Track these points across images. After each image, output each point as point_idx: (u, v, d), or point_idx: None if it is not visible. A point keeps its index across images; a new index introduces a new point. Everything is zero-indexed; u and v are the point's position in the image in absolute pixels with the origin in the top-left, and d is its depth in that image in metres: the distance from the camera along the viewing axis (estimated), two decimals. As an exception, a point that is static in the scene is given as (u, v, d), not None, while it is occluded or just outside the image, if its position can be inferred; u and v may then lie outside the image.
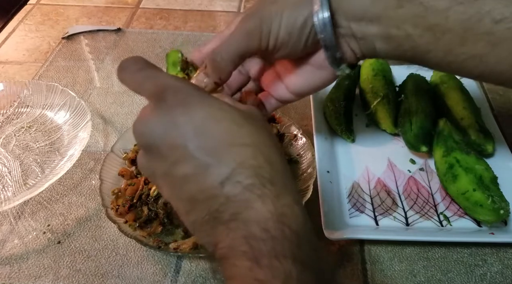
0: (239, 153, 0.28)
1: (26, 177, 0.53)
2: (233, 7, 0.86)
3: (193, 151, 0.28)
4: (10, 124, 0.60)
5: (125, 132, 0.54)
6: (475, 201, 0.45)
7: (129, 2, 0.88)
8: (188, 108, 0.29)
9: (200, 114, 0.29)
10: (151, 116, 0.29)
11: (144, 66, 0.32)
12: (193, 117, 0.28)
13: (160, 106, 0.29)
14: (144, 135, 0.30)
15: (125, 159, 0.51)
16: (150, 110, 0.30)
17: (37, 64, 0.72)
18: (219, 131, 0.28)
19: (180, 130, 0.28)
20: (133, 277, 0.43)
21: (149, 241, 0.43)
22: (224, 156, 0.28)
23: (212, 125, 0.29)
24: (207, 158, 0.27)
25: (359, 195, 0.50)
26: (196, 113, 0.29)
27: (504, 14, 0.30)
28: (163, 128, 0.29)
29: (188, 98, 0.29)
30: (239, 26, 0.37)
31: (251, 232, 0.25)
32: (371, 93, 0.58)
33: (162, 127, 0.29)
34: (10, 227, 0.49)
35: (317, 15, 0.34)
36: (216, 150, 0.28)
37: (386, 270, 0.44)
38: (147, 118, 0.30)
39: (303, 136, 0.53)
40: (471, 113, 0.54)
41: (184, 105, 0.29)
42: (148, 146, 0.30)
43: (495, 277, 0.43)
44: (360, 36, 0.35)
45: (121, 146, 0.52)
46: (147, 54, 0.73)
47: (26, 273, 0.44)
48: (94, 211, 0.50)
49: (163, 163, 0.29)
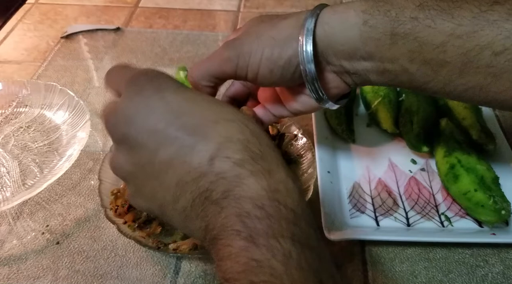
0: (225, 128, 0.27)
1: (24, 177, 0.53)
2: (233, 6, 0.86)
3: (175, 132, 0.27)
4: (8, 124, 0.60)
5: (124, 132, 0.53)
6: (477, 201, 0.45)
7: (128, 1, 0.88)
8: (165, 92, 0.28)
9: (178, 97, 0.28)
10: (125, 104, 0.28)
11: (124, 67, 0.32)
12: (170, 101, 0.28)
13: (136, 94, 0.28)
14: (119, 125, 0.28)
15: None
16: (124, 99, 0.29)
17: (35, 64, 0.71)
18: (200, 110, 0.28)
19: (159, 115, 0.27)
20: (132, 278, 0.43)
21: (148, 241, 0.43)
22: (209, 132, 0.26)
23: (192, 105, 0.28)
24: (191, 137, 0.26)
25: (359, 195, 0.50)
26: (174, 96, 0.28)
27: (505, 45, 0.29)
28: (140, 114, 0.27)
29: (163, 84, 0.29)
30: (218, 51, 0.37)
31: (245, 210, 0.24)
32: (371, 92, 0.58)
33: (139, 113, 0.27)
34: (8, 228, 0.48)
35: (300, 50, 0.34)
36: (200, 128, 0.27)
37: (387, 271, 0.43)
38: (122, 106, 0.28)
39: (303, 136, 0.53)
40: (473, 113, 0.54)
41: (160, 90, 0.28)
42: (125, 137, 0.28)
43: (497, 278, 0.43)
44: (353, 71, 0.35)
45: (120, 146, 0.51)
46: (146, 53, 0.73)
47: (24, 274, 0.44)
48: (93, 211, 0.49)
49: (144, 152, 0.27)
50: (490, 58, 0.30)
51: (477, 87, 0.32)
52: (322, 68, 0.36)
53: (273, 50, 0.35)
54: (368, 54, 0.33)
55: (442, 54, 0.31)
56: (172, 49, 0.74)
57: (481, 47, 0.30)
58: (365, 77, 0.35)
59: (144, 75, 0.29)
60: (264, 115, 0.43)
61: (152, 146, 0.27)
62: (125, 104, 0.28)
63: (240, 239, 0.24)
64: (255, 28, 0.37)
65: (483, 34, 0.29)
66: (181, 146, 0.26)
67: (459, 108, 0.55)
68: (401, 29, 0.31)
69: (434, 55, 0.31)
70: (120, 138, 0.29)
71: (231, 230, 0.24)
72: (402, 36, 0.31)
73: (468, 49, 0.30)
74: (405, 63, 0.32)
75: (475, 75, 0.31)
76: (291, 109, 0.41)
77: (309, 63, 0.34)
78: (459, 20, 0.30)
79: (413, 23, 0.31)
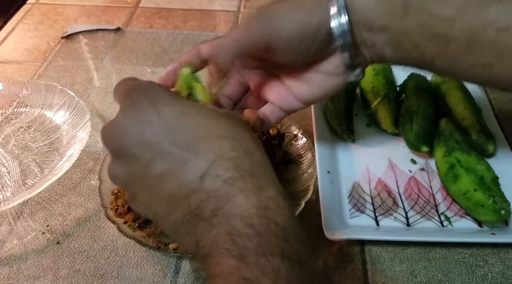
0: (217, 145, 0.27)
1: (25, 177, 0.53)
2: (233, 7, 0.86)
3: (169, 146, 0.27)
4: (9, 124, 0.60)
5: (125, 132, 0.54)
6: (476, 201, 0.45)
7: (128, 1, 0.88)
8: (160, 106, 0.28)
9: (173, 111, 0.28)
10: (121, 117, 0.29)
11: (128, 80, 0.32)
12: (166, 115, 0.28)
13: (130, 107, 0.29)
14: (115, 138, 0.29)
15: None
16: (119, 113, 0.29)
17: (36, 64, 0.71)
18: (195, 125, 0.28)
19: (153, 128, 0.27)
20: (132, 278, 0.43)
21: (149, 241, 0.43)
22: (202, 149, 0.27)
23: (187, 120, 0.28)
24: (183, 152, 0.26)
25: (359, 195, 0.50)
26: (169, 110, 0.28)
27: (509, 22, 0.30)
28: (134, 127, 0.28)
29: (158, 97, 0.29)
30: (243, 22, 0.36)
31: (235, 228, 0.24)
32: (371, 93, 0.58)
33: (133, 126, 0.28)
34: (9, 228, 0.48)
35: (335, 19, 0.34)
36: (193, 144, 0.27)
37: (386, 271, 0.44)
38: (116, 120, 0.29)
39: (303, 136, 0.53)
40: (472, 113, 0.54)
41: (155, 103, 0.28)
42: (120, 149, 0.29)
43: (496, 277, 0.43)
44: (370, 43, 0.35)
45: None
46: (146, 53, 0.73)
47: (25, 274, 0.44)
48: (93, 211, 0.49)
49: (138, 164, 0.28)
50: (494, 34, 0.30)
51: (482, 65, 0.33)
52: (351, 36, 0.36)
53: (301, 18, 0.35)
54: (383, 26, 0.34)
55: (450, 29, 0.32)
56: (173, 49, 0.74)
57: (485, 24, 0.31)
58: (380, 51, 0.36)
59: (138, 88, 0.30)
60: (272, 112, 0.42)
61: (146, 159, 0.27)
62: (120, 117, 0.29)
63: (231, 258, 0.24)
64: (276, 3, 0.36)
65: (489, 10, 0.30)
66: (174, 161, 0.27)
67: (459, 108, 0.55)
68: (413, 2, 0.33)
69: (443, 30, 0.32)
70: (115, 149, 0.29)
71: (221, 249, 0.24)
72: (414, 7, 0.33)
73: (474, 26, 0.31)
74: (416, 37, 0.33)
75: (480, 53, 0.32)
76: (302, 97, 0.40)
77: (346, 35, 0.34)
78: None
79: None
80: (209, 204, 0.26)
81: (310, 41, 0.35)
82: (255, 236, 0.24)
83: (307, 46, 0.35)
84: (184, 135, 0.27)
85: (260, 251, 0.24)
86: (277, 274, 0.23)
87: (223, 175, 0.26)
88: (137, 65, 0.71)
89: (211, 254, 0.25)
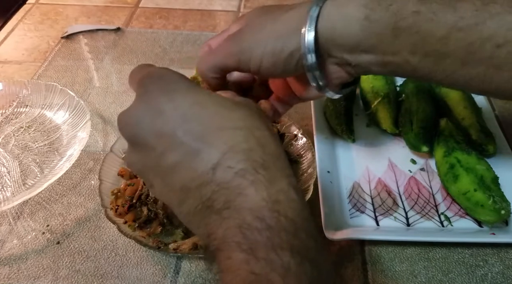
0: (230, 137, 0.27)
1: (25, 177, 0.53)
2: (233, 7, 0.86)
3: (181, 137, 0.27)
4: (9, 124, 0.60)
5: (125, 132, 0.54)
6: (476, 201, 0.45)
7: (128, 1, 0.88)
8: (173, 95, 0.28)
9: (186, 100, 0.28)
10: (134, 106, 0.29)
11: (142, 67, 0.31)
12: (179, 104, 0.27)
13: (143, 95, 0.28)
14: (129, 126, 0.29)
15: (125, 159, 0.50)
16: (134, 101, 0.29)
17: (36, 64, 0.71)
18: (208, 116, 0.27)
19: (167, 118, 0.27)
20: (132, 278, 0.43)
21: (149, 241, 0.43)
22: (214, 140, 0.26)
23: (200, 110, 0.27)
24: (196, 143, 0.26)
25: (359, 195, 0.50)
26: (183, 99, 0.28)
27: (507, 38, 0.29)
28: (148, 117, 0.28)
29: (172, 85, 0.28)
30: (222, 44, 0.37)
31: (245, 221, 0.24)
32: (371, 93, 0.58)
33: (147, 116, 0.28)
34: (9, 228, 0.48)
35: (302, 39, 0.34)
36: (206, 135, 0.27)
37: (386, 271, 0.44)
38: (131, 108, 0.29)
39: (303, 136, 0.53)
40: (472, 113, 0.54)
41: (169, 92, 0.28)
42: (134, 138, 0.29)
43: (496, 277, 0.43)
44: (355, 64, 0.35)
45: (121, 146, 0.52)
46: (146, 53, 0.73)
47: (25, 274, 0.44)
48: (93, 211, 0.49)
49: (151, 154, 0.28)
50: (492, 50, 0.30)
51: (479, 78, 0.32)
52: (324, 60, 0.36)
53: (276, 44, 0.35)
54: (370, 48, 0.33)
55: (444, 47, 0.31)
56: (173, 49, 0.74)
57: (483, 40, 0.30)
58: (366, 68, 0.35)
59: (151, 76, 0.29)
60: (278, 103, 0.43)
61: (160, 149, 0.27)
62: (134, 106, 0.29)
63: (241, 252, 0.24)
64: (258, 21, 0.37)
65: (485, 27, 0.30)
66: (186, 152, 0.26)
67: (458, 108, 0.55)
68: (403, 23, 0.31)
69: (436, 47, 0.31)
70: (130, 138, 0.29)
71: (231, 242, 0.24)
72: (404, 29, 0.31)
73: (470, 42, 0.30)
74: (407, 56, 0.33)
75: (477, 67, 0.31)
76: (301, 96, 0.41)
77: (310, 53, 0.34)
78: (462, 13, 0.30)
79: (415, 17, 0.31)
80: (221, 196, 0.25)
81: (283, 64, 0.35)
82: (265, 229, 0.24)
83: (281, 69, 0.36)
84: (197, 125, 0.27)
85: (269, 245, 0.23)
86: (286, 270, 0.23)
87: (235, 166, 0.26)
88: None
89: (222, 248, 0.25)
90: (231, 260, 0.24)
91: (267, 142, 0.28)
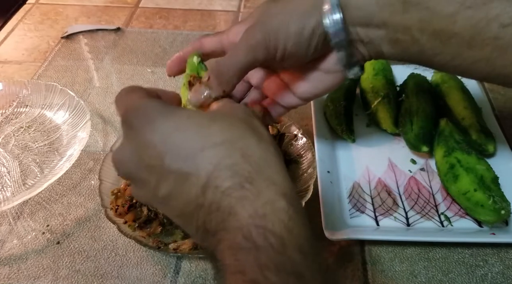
0: (213, 155, 0.26)
1: (25, 177, 0.53)
2: (233, 7, 0.86)
3: (169, 165, 0.27)
4: (9, 124, 0.60)
5: (125, 132, 0.54)
6: (476, 201, 0.45)
7: (128, 1, 0.88)
8: (154, 124, 0.28)
9: (167, 128, 0.28)
10: (123, 145, 0.29)
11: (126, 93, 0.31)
12: (161, 133, 0.27)
13: (127, 132, 0.29)
14: (122, 165, 0.29)
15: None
16: (122, 139, 0.30)
17: (36, 64, 0.71)
18: (189, 139, 0.27)
19: (152, 150, 0.27)
20: (132, 278, 0.43)
21: (149, 241, 0.43)
22: (199, 161, 0.26)
23: (181, 134, 0.27)
24: (184, 168, 0.26)
25: (359, 195, 0.50)
26: (163, 127, 0.28)
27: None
28: (136, 153, 0.28)
29: (152, 115, 0.28)
30: (244, 38, 0.35)
31: (235, 242, 0.24)
32: (371, 92, 0.58)
33: (134, 152, 0.28)
34: (9, 228, 0.48)
35: (328, 17, 0.34)
36: (190, 158, 0.26)
37: (386, 271, 0.44)
38: (121, 147, 0.29)
39: (303, 136, 0.53)
40: (472, 113, 0.54)
41: (149, 123, 0.28)
42: (129, 175, 0.30)
43: (496, 277, 0.43)
44: (367, 40, 0.35)
45: (121, 146, 0.52)
46: (146, 53, 0.73)
47: (25, 274, 0.44)
48: (93, 211, 0.49)
49: (147, 188, 0.28)
50: (497, 30, 0.30)
51: (484, 60, 0.32)
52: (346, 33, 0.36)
53: (298, 23, 0.34)
54: (382, 22, 0.34)
55: (452, 25, 0.31)
56: (173, 49, 0.74)
57: (489, 19, 0.30)
58: (378, 47, 0.35)
59: (132, 111, 0.29)
60: (273, 108, 0.42)
61: (153, 181, 0.28)
62: (123, 144, 0.29)
63: (232, 274, 0.24)
64: (272, 6, 0.36)
65: (492, 6, 0.30)
66: (176, 178, 0.27)
67: (459, 108, 0.55)
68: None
69: (444, 25, 0.32)
70: (127, 176, 0.31)
71: (226, 265, 0.24)
72: (414, 3, 0.32)
73: (477, 21, 0.31)
74: (416, 33, 0.33)
75: (482, 48, 0.32)
76: (301, 95, 0.40)
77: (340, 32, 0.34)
78: None
79: None
80: (214, 218, 0.25)
81: (306, 44, 0.35)
82: (253, 248, 0.24)
83: (304, 50, 0.35)
84: (181, 150, 0.27)
85: (256, 265, 0.23)
86: None
87: (221, 185, 0.25)
88: (137, 65, 0.71)
89: (222, 270, 0.25)
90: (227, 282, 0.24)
91: (251, 150, 0.27)
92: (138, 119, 0.29)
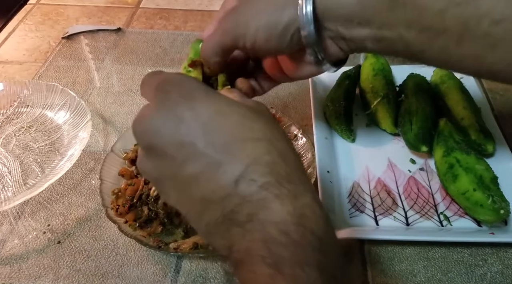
0: (253, 149, 0.26)
1: (26, 177, 0.53)
2: (233, 7, 0.86)
3: (203, 148, 0.26)
4: (10, 124, 0.60)
5: (125, 132, 0.54)
6: (475, 201, 0.45)
7: (129, 2, 0.88)
8: (194, 103, 0.27)
9: (207, 109, 0.27)
10: (154, 113, 0.28)
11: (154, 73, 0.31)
12: (200, 112, 0.27)
13: (163, 102, 0.28)
14: (147, 134, 0.28)
15: (125, 159, 0.51)
16: (152, 107, 0.28)
17: (37, 64, 0.72)
18: (230, 126, 0.27)
19: (187, 127, 0.26)
20: (133, 277, 0.43)
21: (149, 241, 0.43)
22: (237, 152, 0.26)
23: (222, 120, 0.27)
24: (218, 155, 0.26)
25: (359, 195, 0.50)
26: (203, 108, 0.27)
27: (504, 14, 0.28)
28: (168, 125, 0.27)
29: (192, 93, 0.28)
30: (218, 25, 0.37)
31: (270, 235, 0.24)
32: (371, 93, 0.58)
33: (167, 124, 0.27)
34: (10, 227, 0.49)
35: (301, 10, 0.33)
36: (228, 146, 0.26)
37: (386, 270, 0.44)
38: (149, 115, 0.28)
39: (303, 136, 0.53)
40: (472, 113, 0.54)
41: (189, 99, 0.27)
42: (152, 147, 0.28)
43: (495, 277, 0.43)
44: (349, 38, 0.34)
45: (121, 146, 0.52)
46: (147, 54, 0.73)
47: (26, 273, 0.44)
48: (94, 211, 0.50)
49: (170, 164, 0.27)
50: (488, 27, 0.29)
51: (473, 56, 0.31)
52: (321, 32, 0.35)
53: (270, 17, 0.34)
54: (365, 20, 0.33)
55: (440, 22, 0.30)
56: (173, 49, 0.74)
57: (479, 16, 0.29)
58: (360, 44, 0.35)
59: (170, 82, 0.29)
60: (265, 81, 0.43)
61: (180, 158, 0.26)
62: (152, 112, 0.28)
63: (265, 266, 0.23)
64: None
65: (481, 2, 0.29)
66: (208, 163, 0.26)
67: (458, 108, 0.55)
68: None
69: (432, 22, 0.30)
70: (147, 146, 0.28)
71: (256, 256, 0.24)
72: (400, 2, 0.31)
73: (467, 17, 0.29)
74: (403, 31, 0.32)
75: (472, 45, 0.30)
76: (292, 76, 0.41)
77: (309, 25, 0.33)
78: None
79: None
80: (244, 209, 0.25)
81: (278, 37, 0.34)
82: (291, 244, 0.23)
83: (276, 43, 0.35)
84: (219, 136, 0.26)
85: (295, 260, 0.23)
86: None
87: (258, 180, 0.25)
88: (138, 66, 0.71)
89: (245, 260, 0.24)
90: (254, 274, 0.23)
91: (288, 154, 0.27)
92: (177, 92, 0.28)
